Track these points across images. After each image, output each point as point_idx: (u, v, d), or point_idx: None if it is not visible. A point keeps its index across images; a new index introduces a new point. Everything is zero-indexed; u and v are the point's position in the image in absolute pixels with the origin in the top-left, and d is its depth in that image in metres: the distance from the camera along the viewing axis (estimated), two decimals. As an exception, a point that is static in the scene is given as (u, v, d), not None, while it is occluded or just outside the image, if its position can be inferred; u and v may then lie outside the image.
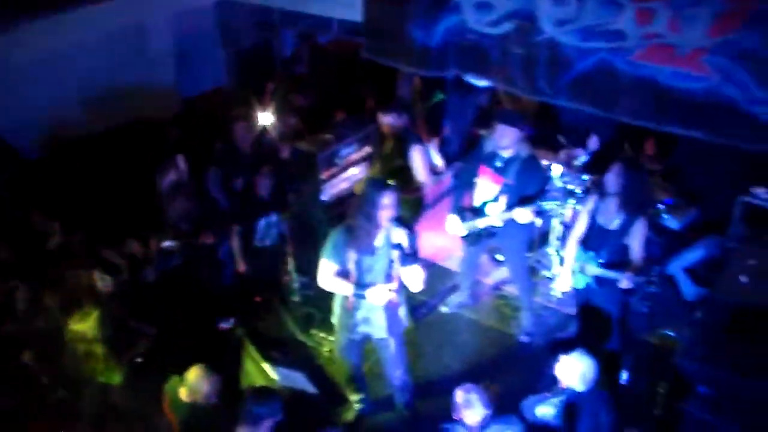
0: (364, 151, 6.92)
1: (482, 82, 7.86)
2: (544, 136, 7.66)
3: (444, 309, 7.02)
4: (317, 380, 5.68)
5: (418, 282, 4.90)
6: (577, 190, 7.07)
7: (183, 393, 4.85)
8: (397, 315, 5.14)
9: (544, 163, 6.90)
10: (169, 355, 5.61)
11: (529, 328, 6.64)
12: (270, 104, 7.68)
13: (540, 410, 4.65)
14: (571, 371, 4.58)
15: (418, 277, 4.87)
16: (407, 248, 4.78)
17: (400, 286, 4.98)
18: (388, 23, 6.47)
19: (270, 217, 6.47)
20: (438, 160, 8.66)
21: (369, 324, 5.15)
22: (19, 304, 5.59)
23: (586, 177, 7.10)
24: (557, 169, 7.22)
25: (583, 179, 7.09)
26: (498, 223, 6.08)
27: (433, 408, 5.64)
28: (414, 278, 4.88)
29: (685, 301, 6.83)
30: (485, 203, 6.12)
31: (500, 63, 6.14)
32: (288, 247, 6.71)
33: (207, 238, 6.64)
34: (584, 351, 4.63)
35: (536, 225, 7.08)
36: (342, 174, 6.81)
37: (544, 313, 6.91)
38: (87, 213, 6.41)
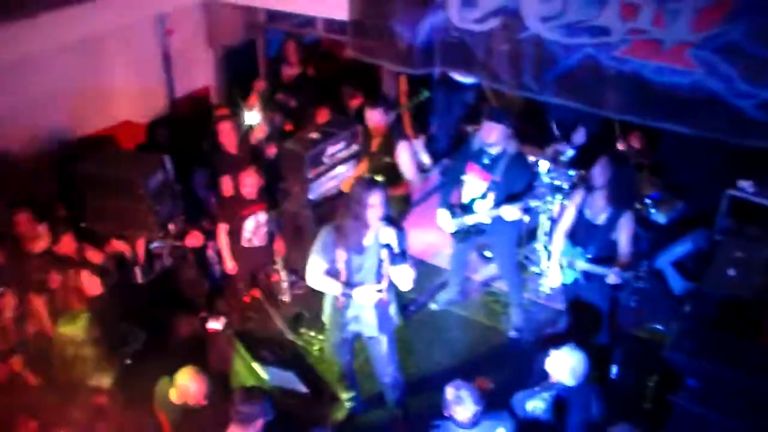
0: (352, 150, 6.91)
1: (468, 79, 7.86)
2: (531, 132, 7.67)
3: (433, 306, 7.02)
4: (307, 379, 5.67)
5: (408, 281, 4.90)
6: (564, 185, 7.08)
7: (173, 394, 4.84)
8: (387, 313, 5.14)
9: (531, 160, 6.92)
10: (159, 357, 5.59)
11: (519, 324, 6.66)
12: (257, 104, 7.67)
13: (530, 405, 4.66)
14: (562, 366, 4.59)
15: (407, 277, 4.87)
16: (396, 247, 4.79)
17: (390, 284, 4.98)
18: (374, 21, 6.47)
19: (258, 216, 6.45)
20: (425, 158, 8.66)
21: (360, 322, 5.15)
22: (5, 310, 5.54)
23: (573, 172, 7.12)
24: (544, 165, 7.23)
25: (569, 175, 7.11)
26: (486, 220, 6.10)
27: (423, 405, 5.63)
28: (404, 277, 4.88)
29: (673, 295, 6.87)
30: (473, 200, 6.13)
31: (486, 60, 6.16)
32: (276, 246, 6.70)
33: (195, 238, 6.62)
34: (574, 346, 4.64)
35: (524, 221, 7.09)
36: (329, 172, 6.79)
37: (534, 309, 6.93)
38: (74, 215, 6.37)
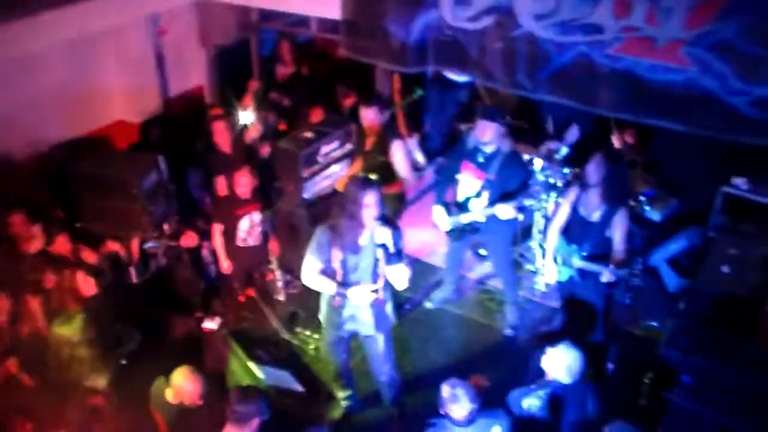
0: (346, 149, 6.91)
1: (462, 78, 7.87)
2: (525, 130, 7.69)
3: (428, 305, 7.03)
4: (303, 378, 5.67)
5: (404, 280, 4.91)
6: (558, 183, 7.10)
7: (169, 394, 4.83)
8: (384, 312, 5.14)
9: (526, 158, 6.93)
10: (155, 357, 5.58)
11: (514, 322, 6.67)
12: (251, 103, 7.66)
13: (526, 403, 4.67)
14: (558, 363, 4.60)
15: (403, 276, 4.87)
16: (392, 247, 4.78)
17: (386, 283, 4.98)
18: (367, 20, 6.47)
19: (253, 216, 6.44)
20: (419, 156, 8.66)
21: (356, 321, 5.15)
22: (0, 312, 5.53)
23: (567, 170, 7.13)
24: (538, 163, 7.24)
25: (564, 173, 7.13)
26: (481, 219, 6.11)
27: (419, 403, 5.65)
28: (400, 277, 4.88)
29: (668, 292, 6.88)
30: (468, 199, 6.14)
31: (479, 58, 6.15)
32: (271, 245, 6.70)
33: (189, 238, 6.61)
34: (570, 343, 4.65)
35: (519, 220, 7.10)
36: (324, 171, 6.79)
37: (529, 307, 6.94)
38: (68, 216, 6.36)
